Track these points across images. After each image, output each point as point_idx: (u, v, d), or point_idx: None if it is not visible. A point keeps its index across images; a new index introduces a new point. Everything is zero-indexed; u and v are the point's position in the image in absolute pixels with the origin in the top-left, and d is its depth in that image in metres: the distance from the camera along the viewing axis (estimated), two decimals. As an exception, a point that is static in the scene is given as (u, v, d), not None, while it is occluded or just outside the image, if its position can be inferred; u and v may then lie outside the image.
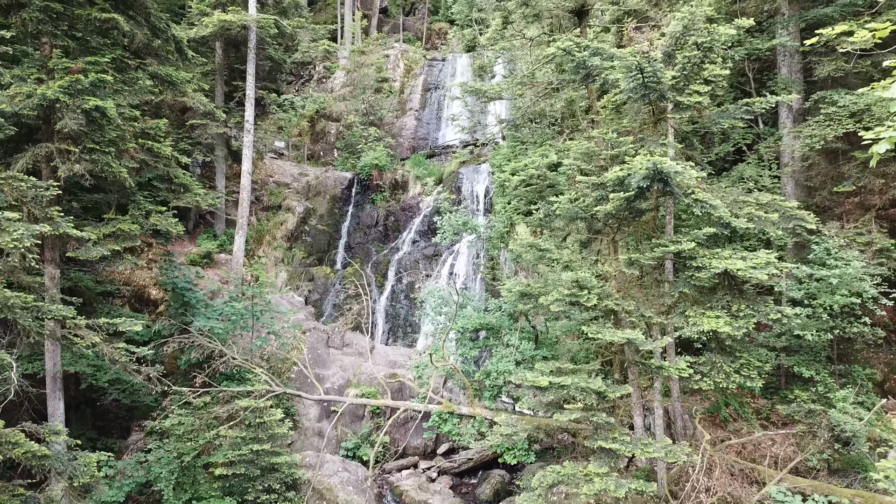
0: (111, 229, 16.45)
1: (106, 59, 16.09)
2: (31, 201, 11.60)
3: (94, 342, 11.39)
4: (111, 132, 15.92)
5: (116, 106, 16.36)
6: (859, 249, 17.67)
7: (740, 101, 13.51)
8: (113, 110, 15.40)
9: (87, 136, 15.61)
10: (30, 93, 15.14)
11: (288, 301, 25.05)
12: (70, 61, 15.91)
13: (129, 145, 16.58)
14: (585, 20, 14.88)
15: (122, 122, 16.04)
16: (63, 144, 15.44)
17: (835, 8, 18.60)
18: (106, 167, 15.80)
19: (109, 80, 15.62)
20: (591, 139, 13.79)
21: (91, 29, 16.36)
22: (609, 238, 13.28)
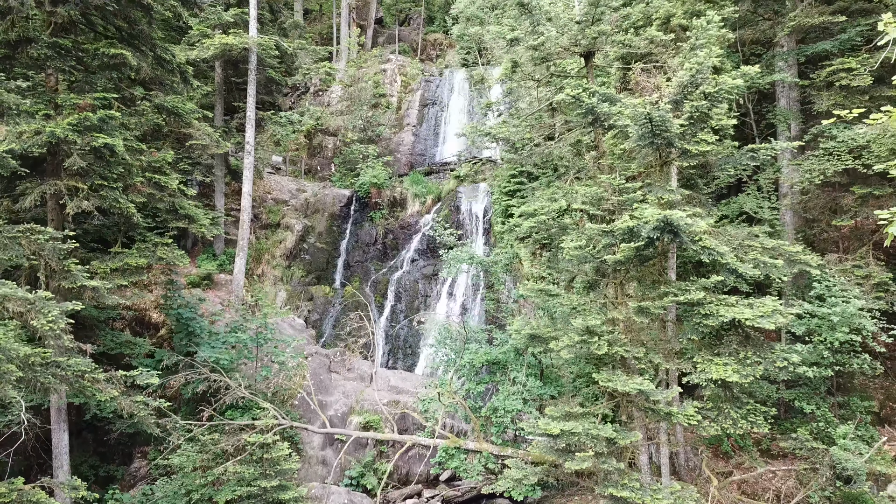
0: (118, 264, 16.51)
1: (113, 95, 16.13)
2: (49, 254, 11.63)
3: (112, 395, 11.44)
4: (119, 168, 15.97)
5: (123, 139, 16.44)
6: (857, 283, 17.99)
7: (745, 148, 13.75)
8: (121, 147, 15.48)
9: (95, 172, 15.66)
10: (38, 129, 15.16)
11: (289, 324, 25.11)
12: (78, 97, 15.96)
13: (136, 179, 16.62)
14: (591, 61, 15.06)
15: (128, 157, 16.08)
16: (71, 181, 15.48)
17: (833, 43, 18.89)
18: (114, 203, 15.85)
19: (117, 116, 15.67)
20: (598, 183, 13.98)
21: (99, 63, 16.39)
22: (616, 282, 13.46)
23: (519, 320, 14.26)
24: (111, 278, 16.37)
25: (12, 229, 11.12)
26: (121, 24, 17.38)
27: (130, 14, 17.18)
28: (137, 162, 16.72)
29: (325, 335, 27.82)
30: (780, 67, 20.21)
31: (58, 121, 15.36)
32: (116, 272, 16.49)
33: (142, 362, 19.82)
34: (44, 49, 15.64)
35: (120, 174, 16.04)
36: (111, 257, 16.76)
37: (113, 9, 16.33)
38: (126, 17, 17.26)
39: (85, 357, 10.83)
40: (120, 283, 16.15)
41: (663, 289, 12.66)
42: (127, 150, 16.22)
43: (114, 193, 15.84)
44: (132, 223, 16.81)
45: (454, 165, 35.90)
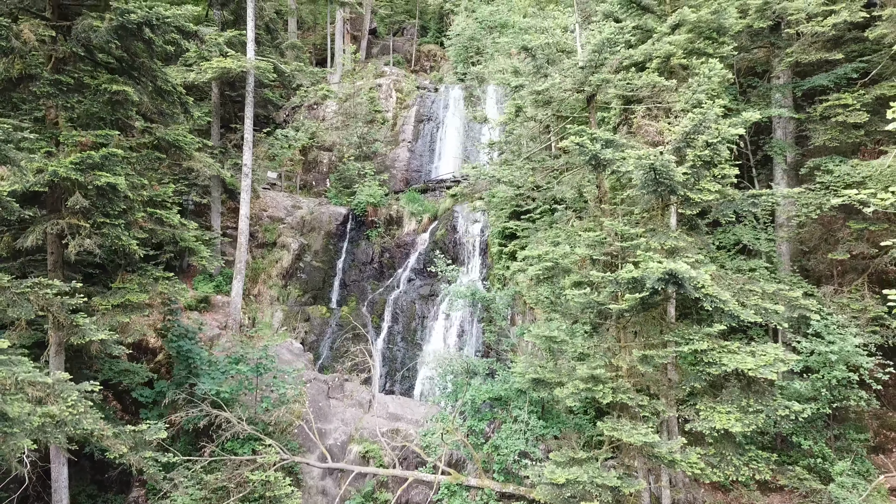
0: (120, 300, 16.46)
1: (115, 133, 16.10)
2: (57, 310, 11.60)
3: (122, 452, 11.43)
4: (121, 204, 15.94)
5: (125, 174, 16.41)
6: (853, 315, 18.22)
7: (747, 193, 13.91)
8: (123, 184, 15.45)
9: (98, 210, 15.62)
10: (40, 168, 15.13)
11: (287, 348, 25.11)
12: (80, 133, 15.93)
13: (137, 215, 16.59)
14: (593, 102, 15.19)
15: (130, 193, 16.06)
16: (73, 219, 15.42)
17: (829, 78, 19.11)
18: (116, 240, 15.82)
19: (120, 154, 15.64)
20: (600, 224, 14.10)
21: (101, 100, 16.35)
22: (620, 325, 13.59)
23: (522, 361, 14.36)
24: (113, 314, 16.36)
25: (20, 284, 11.09)
26: (122, 54, 17.35)
27: (132, 47, 17.17)
28: (139, 197, 16.69)
29: (322, 357, 27.83)
30: (777, 100, 20.42)
31: (60, 158, 15.32)
32: (118, 308, 16.45)
33: (141, 393, 19.81)
34: (46, 87, 15.60)
35: (122, 211, 16.01)
36: (112, 293, 16.72)
37: (116, 45, 16.30)
38: (127, 50, 17.24)
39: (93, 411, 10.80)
40: (122, 319, 16.12)
41: (666, 337, 12.80)
42: (129, 185, 16.19)
43: (116, 231, 15.79)
44: (133, 259, 16.78)
45: (450, 183, 35.99)
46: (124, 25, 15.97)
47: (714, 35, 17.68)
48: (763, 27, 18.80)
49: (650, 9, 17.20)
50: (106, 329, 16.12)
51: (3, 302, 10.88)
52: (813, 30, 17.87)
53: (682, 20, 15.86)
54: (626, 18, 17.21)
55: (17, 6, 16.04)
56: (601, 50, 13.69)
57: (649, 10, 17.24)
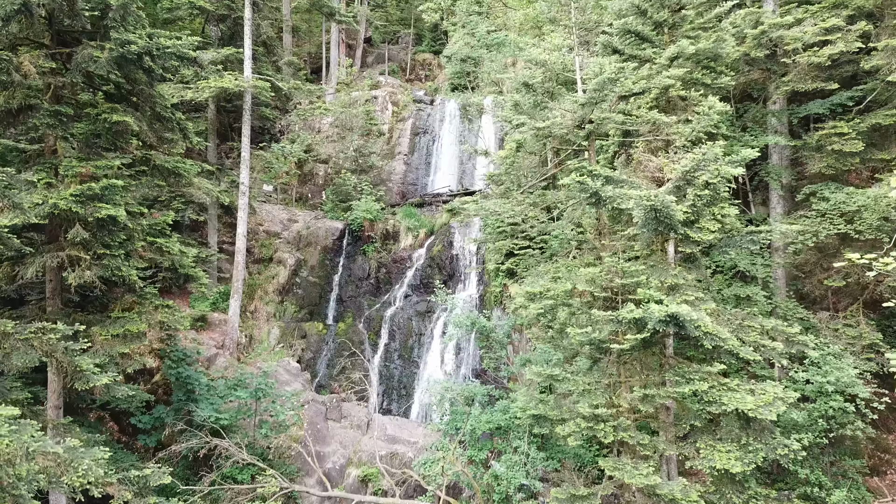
0: (119, 330, 16.44)
1: (116, 163, 16.09)
2: (61, 354, 11.60)
3: (126, 499, 11.42)
4: (121, 235, 15.93)
5: (125, 204, 16.39)
6: (848, 342, 18.39)
7: (746, 230, 14.04)
8: (124, 216, 15.44)
9: (98, 241, 15.60)
10: (41, 199, 15.10)
11: (284, 368, 25.11)
12: (80, 164, 15.90)
13: (137, 244, 16.58)
14: (593, 136, 15.30)
15: (130, 223, 16.04)
16: (73, 251, 15.40)
17: (825, 105, 19.28)
18: (116, 271, 15.81)
19: (120, 184, 15.63)
20: (600, 260, 14.20)
21: (100, 131, 16.34)
22: (620, 361, 13.69)
23: (522, 394, 14.44)
24: (112, 345, 16.33)
25: (24, 330, 11.08)
26: (121, 81, 17.33)
27: (131, 74, 17.13)
28: (138, 226, 16.67)
29: (319, 375, 27.83)
30: (773, 125, 20.59)
31: (60, 190, 15.29)
32: (118, 338, 16.43)
33: (140, 419, 19.76)
34: (45, 118, 15.58)
35: (122, 241, 15.99)
36: (112, 322, 16.68)
37: (116, 76, 16.29)
38: (127, 77, 17.21)
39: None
40: (122, 350, 16.10)
41: (666, 375, 12.91)
42: (128, 215, 16.17)
43: (116, 261, 15.78)
44: (133, 288, 16.76)
45: (446, 197, 36.06)
46: (124, 56, 15.97)
47: (711, 64, 17.85)
48: (760, 56, 18.93)
49: (649, 38, 17.30)
50: (106, 358, 16.18)
51: (6, 349, 10.86)
52: (809, 60, 18.03)
53: (681, 52, 15.97)
54: (625, 48, 17.32)
55: (16, 36, 16.03)
56: (602, 88, 13.79)
57: (648, 40, 17.35)
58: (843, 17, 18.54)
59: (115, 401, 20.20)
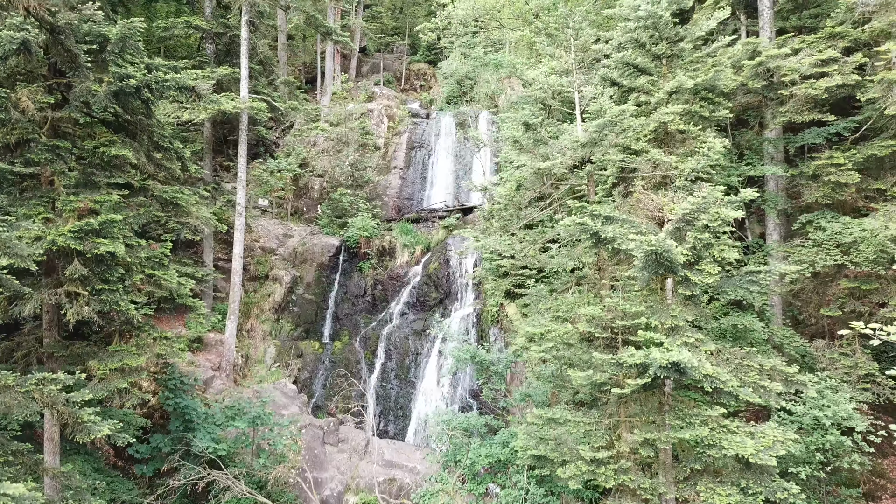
0: (117, 364, 16.37)
1: (115, 197, 16.03)
2: (62, 405, 11.54)
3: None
4: (119, 269, 15.86)
5: (123, 237, 16.32)
6: (845, 372, 18.51)
7: (745, 270, 14.11)
8: (122, 251, 15.38)
9: (96, 277, 15.53)
10: (39, 235, 15.04)
11: (281, 391, 25.05)
12: (77, 199, 15.82)
13: (135, 278, 16.51)
14: (592, 175, 15.35)
15: (129, 257, 15.97)
16: (71, 287, 15.33)
17: (821, 135, 19.40)
18: (114, 306, 15.74)
19: (119, 219, 15.57)
20: (600, 298, 14.25)
21: (98, 164, 16.27)
22: (621, 402, 13.74)
23: (523, 430, 14.47)
24: (110, 379, 16.27)
25: (25, 382, 11.01)
26: (119, 111, 17.25)
27: (129, 105, 17.06)
28: (137, 259, 16.60)
29: (315, 395, 27.78)
30: (769, 152, 20.72)
31: (58, 226, 15.22)
32: (116, 372, 16.35)
33: (137, 450, 19.65)
34: (43, 152, 15.49)
35: (120, 275, 15.92)
36: (109, 356, 16.59)
37: (114, 110, 16.23)
38: (125, 107, 17.13)
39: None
40: (119, 385, 16.04)
41: (666, 418, 12.96)
42: (126, 248, 16.10)
43: (114, 296, 15.70)
44: (131, 321, 16.69)
45: (442, 213, 36.08)
46: (123, 90, 15.92)
47: (709, 96, 17.94)
48: (758, 86, 19.05)
49: (647, 70, 17.36)
50: (105, 394, 16.13)
51: (7, 403, 10.80)
52: (806, 92, 18.15)
53: (680, 86, 16.03)
54: (624, 79, 17.37)
55: (13, 69, 15.92)
56: (602, 129, 13.84)
57: (646, 72, 17.41)
58: (839, 48, 18.68)
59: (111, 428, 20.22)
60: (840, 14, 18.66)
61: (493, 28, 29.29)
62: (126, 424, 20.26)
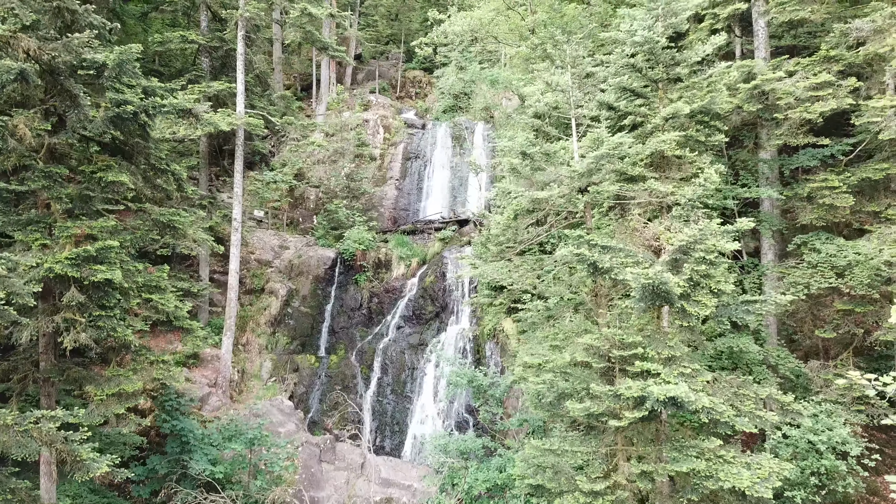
0: (114, 389, 16.37)
1: (112, 223, 16.02)
2: (61, 444, 11.53)
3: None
4: (116, 295, 15.85)
5: (120, 262, 16.30)
6: (840, 393, 18.62)
7: (741, 299, 14.21)
8: (119, 277, 15.37)
9: (93, 303, 15.52)
10: (36, 262, 15.02)
11: (277, 407, 25.04)
12: (74, 224, 15.80)
13: (133, 303, 16.50)
14: (589, 205, 15.42)
15: (126, 283, 15.96)
16: (68, 314, 15.31)
17: (816, 157, 19.51)
18: (111, 332, 15.73)
19: (115, 245, 15.57)
20: (597, 326, 14.32)
21: (95, 190, 16.26)
22: (618, 431, 13.80)
23: (520, 459, 14.52)
24: (107, 404, 16.26)
25: (24, 421, 11.01)
26: (115, 134, 17.23)
27: (126, 128, 17.05)
28: (134, 284, 16.59)
29: (312, 411, 27.78)
30: (764, 172, 20.81)
31: (55, 253, 15.20)
32: (113, 398, 16.35)
33: (134, 471, 19.60)
34: (40, 179, 15.47)
35: (117, 301, 15.90)
36: (106, 380, 16.59)
37: (111, 137, 16.21)
38: (122, 130, 17.12)
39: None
40: (117, 411, 16.03)
41: (663, 447, 13.04)
42: (123, 273, 16.07)
43: (111, 322, 15.71)
44: (128, 346, 16.69)
45: (438, 224, 36.11)
46: (120, 115, 15.91)
47: (705, 119, 18.05)
48: (753, 109, 19.16)
49: (644, 95, 17.44)
50: (102, 419, 16.12)
51: (6, 442, 10.79)
52: (801, 116, 18.26)
53: (676, 112, 16.11)
54: (621, 104, 17.45)
55: (10, 96, 15.86)
56: (599, 160, 13.91)
57: (643, 97, 17.49)
58: (833, 71, 18.79)
59: (107, 448, 20.16)
60: (835, 38, 18.75)
61: (489, 41, 29.35)
62: (123, 445, 20.35)
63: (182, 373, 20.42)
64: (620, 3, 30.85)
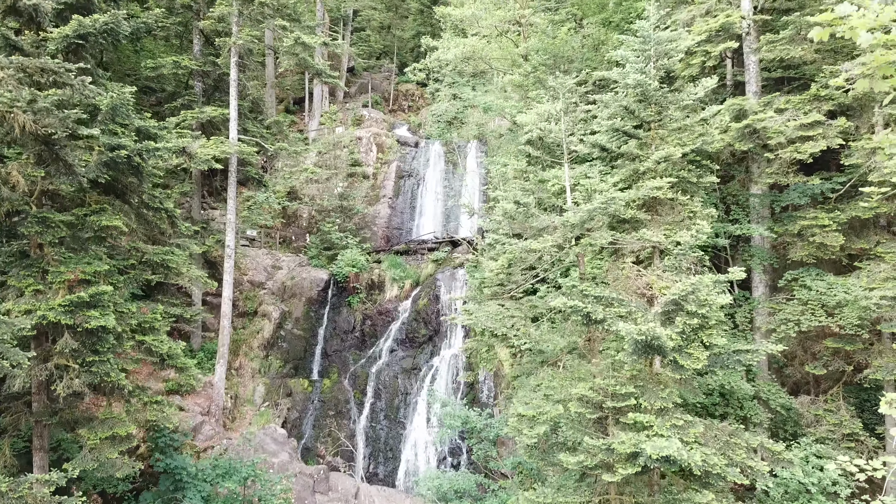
0: (108, 433, 16.33)
1: (105, 267, 16.00)
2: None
3: None
4: (110, 339, 15.83)
5: (113, 305, 16.28)
6: (829, 429, 18.81)
7: (733, 349, 14.33)
8: (113, 323, 15.36)
9: (87, 349, 15.49)
10: (29, 309, 15.00)
11: (271, 437, 25.01)
12: (68, 269, 15.76)
13: (126, 345, 16.48)
14: (582, 254, 15.55)
15: (120, 326, 15.94)
16: (61, 360, 15.29)
17: (805, 195, 19.68)
18: (105, 377, 15.71)
19: (109, 290, 15.56)
20: (591, 375, 14.43)
21: (89, 235, 16.23)
22: (612, 482, 13.90)
23: None
24: (101, 448, 16.22)
25: (18, 486, 11.00)
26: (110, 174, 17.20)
27: (120, 169, 17.02)
28: (127, 327, 16.56)
29: (305, 437, 27.75)
30: (755, 206, 21.00)
31: (48, 298, 15.17)
32: (107, 441, 16.31)
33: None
34: (33, 225, 15.42)
35: (111, 345, 15.88)
36: (100, 423, 16.56)
37: (106, 180, 16.19)
38: (116, 171, 17.09)
39: None
40: (110, 456, 16.00)
41: (656, 500, 13.13)
42: (117, 316, 16.05)
43: (105, 367, 15.68)
44: (121, 388, 16.65)
45: (431, 244, 36.17)
46: (114, 160, 15.89)
47: (697, 158, 18.21)
48: (744, 148, 19.34)
49: (636, 136, 17.57)
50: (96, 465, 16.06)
51: (1, 510, 10.80)
52: (792, 156, 18.43)
53: (669, 156, 16.25)
54: (613, 145, 17.57)
55: (3, 138, 15.82)
56: (592, 213, 14.02)
57: (635, 137, 17.63)
58: (823, 111, 18.96)
59: (100, 484, 20.14)
60: (824, 78, 18.93)
61: (482, 65, 29.44)
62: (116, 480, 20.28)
63: (176, 413, 20.33)
64: (612, 26, 31.08)
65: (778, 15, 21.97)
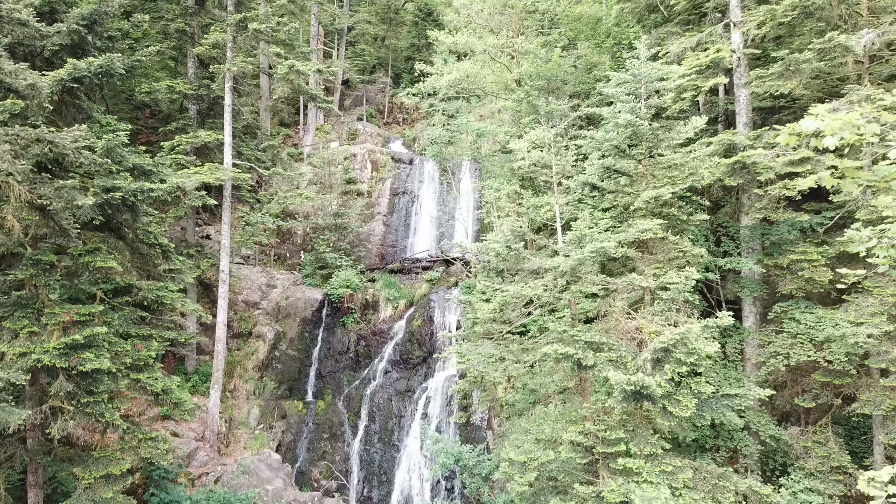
0: (102, 472, 16.43)
1: (99, 308, 16.10)
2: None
3: None
4: (105, 380, 15.93)
5: (108, 343, 16.39)
6: (819, 462, 19.02)
7: (721, 393, 14.53)
8: (108, 364, 15.47)
9: (82, 390, 15.60)
10: (24, 352, 15.10)
11: (265, 463, 25.11)
12: (63, 310, 15.86)
13: (121, 384, 16.57)
14: (573, 299, 15.73)
15: (114, 367, 16.03)
16: (56, 402, 15.40)
17: (793, 232, 19.89)
18: (100, 417, 15.82)
19: (104, 331, 15.67)
20: (582, 419, 14.60)
21: (83, 275, 16.33)
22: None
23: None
24: (95, 487, 16.33)
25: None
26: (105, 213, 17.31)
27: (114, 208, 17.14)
28: (122, 366, 16.66)
29: (299, 460, 27.85)
30: (745, 238, 21.20)
31: (43, 341, 15.26)
32: (102, 479, 16.41)
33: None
34: (28, 268, 15.53)
35: (106, 386, 15.98)
36: (94, 461, 16.66)
37: (100, 222, 16.29)
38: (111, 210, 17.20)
39: None
40: (105, 496, 16.09)
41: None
42: (112, 356, 16.15)
43: (99, 408, 15.80)
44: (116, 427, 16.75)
45: (426, 263, 36.30)
46: (109, 202, 16.00)
47: (687, 194, 18.45)
48: (734, 184, 19.56)
49: (627, 172, 17.78)
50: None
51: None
52: (781, 193, 18.64)
53: (659, 196, 16.45)
54: (604, 183, 17.77)
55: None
56: (582, 262, 14.21)
57: (626, 174, 17.83)
58: (812, 147, 19.17)
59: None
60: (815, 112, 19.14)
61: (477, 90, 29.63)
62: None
63: (170, 440, 20.42)
64: (605, 49, 31.29)
65: (769, 43, 22.26)
